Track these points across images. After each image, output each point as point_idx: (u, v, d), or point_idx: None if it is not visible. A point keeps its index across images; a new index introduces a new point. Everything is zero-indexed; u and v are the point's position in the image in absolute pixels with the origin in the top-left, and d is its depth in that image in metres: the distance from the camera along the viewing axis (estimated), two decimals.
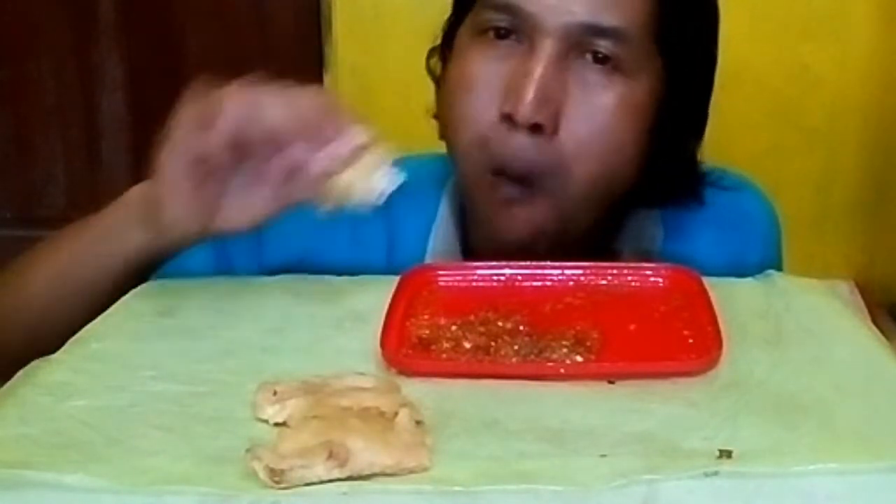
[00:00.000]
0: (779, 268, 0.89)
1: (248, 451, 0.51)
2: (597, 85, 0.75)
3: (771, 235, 0.91)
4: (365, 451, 0.51)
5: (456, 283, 0.76)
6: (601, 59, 0.74)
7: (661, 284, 0.75)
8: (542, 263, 0.78)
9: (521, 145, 0.74)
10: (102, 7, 2.37)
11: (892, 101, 2.16)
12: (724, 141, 2.50)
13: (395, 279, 0.74)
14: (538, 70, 0.73)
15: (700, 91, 0.81)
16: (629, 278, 0.76)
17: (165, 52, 2.40)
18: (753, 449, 0.53)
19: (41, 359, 0.66)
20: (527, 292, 0.75)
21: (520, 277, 0.77)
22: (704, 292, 0.71)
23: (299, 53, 2.35)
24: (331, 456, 0.50)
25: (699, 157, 0.83)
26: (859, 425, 0.56)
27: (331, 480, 0.50)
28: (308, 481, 0.50)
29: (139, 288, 0.79)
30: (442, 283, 0.76)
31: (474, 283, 0.76)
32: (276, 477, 0.50)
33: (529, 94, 0.72)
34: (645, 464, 0.52)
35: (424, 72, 0.89)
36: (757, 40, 2.14)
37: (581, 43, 0.74)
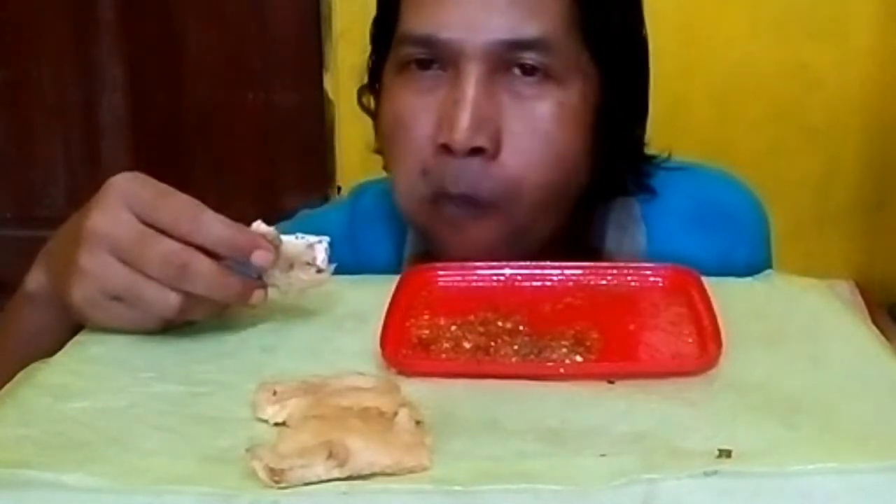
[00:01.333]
0: (768, 265, 0.88)
1: (248, 451, 0.51)
2: (530, 97, 0.74)
3: (759, 232, 0.90)
4: (365, 451, 0.51)
5: (456, 283, 0.76)
6: (529, 71, 0.73)
7: (661, 284, 0.76)
8: (542, 263, 0.78)
9: (462, 169, 0.73)
10: (102, 7, 2.37)
11: (892, 101, 2.16)
12: (724, 141, 2.52)
13: (395, 279, 0.74)
14: (468, 95, 0.72)
15: (635, 79, 0.80)
16: (629, 278, 0.76)
17: (165, 52, 2.40)
18: (753, 449, 0.53)
19: (41, 360, 0.66)
20: (527, 292, 0.75)
21: (520, 277, 0.77)
22: (704, 292, 0.71)
23: (299, 53, 2.35)
24: (331, 456, 0.50)
25: (646, 142, 0.83)
26: (859, 425, 0.56)
27: (331, 480, 0.50)
28: (308, 481, 0.50)
29: None
30: (442, 283, 0.76)
31: (474, 283, 0.76)
32: (276, 477, 0.50)
33: (463, 121, 0.71)
34: (644, 463, 0.52)
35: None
36: (757, 40, 2.14)
37: (506, 59, 0.73)
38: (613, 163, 0.79)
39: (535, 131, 0.73)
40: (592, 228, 0.84)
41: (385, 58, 0.79)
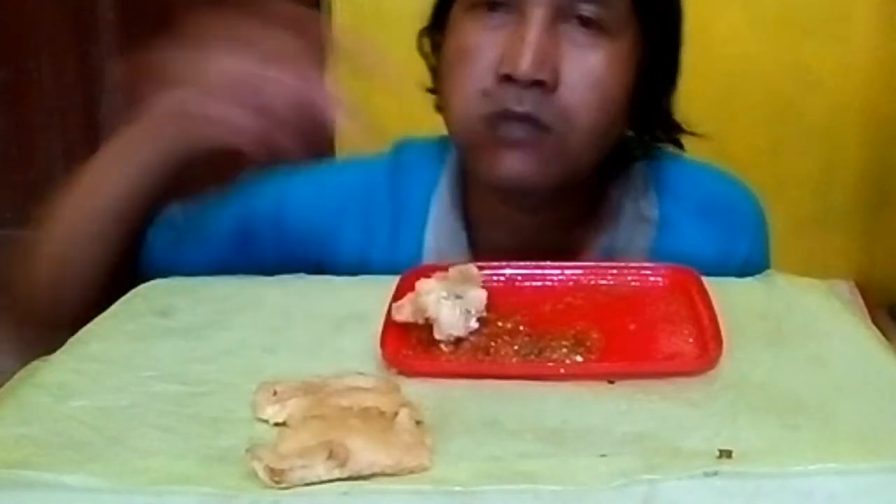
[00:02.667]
0: (766, 262, 0.93)
1: (248, 451, 0.51)
2: (585, 45, 0.81)
3: (759, 230, 0.95)
4: (365, 451, 0.51)
5: None
6: (586, 22, 0.80)
7: (661, 284, 0.76)
8: (542, 263, 0.78)
9: (523, 96, 0.80)
10: (102, 7, 2.37)
11: (892, 101, 2.16)
12: (724, 141, 2.51)
13: (395, 279, 0.74)
14: (532, 34, 0.79)
15: (672, 48, 0.88)
16: (629, 278, 0.76)
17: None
18: (753, 449, 0.53)
19: (41, 359, 0.66)
20: (527, 292, 0.75)
21: (520, 277, 0.77)
22: (704, 292, 0.71)
23: None
24: (331, 456, 0.50)
25: (673, 107, 0.90)
26: (859, 425, 0.56)
27: (331, 480, 0.50)
28: (308, 481, 0.50)
29: (139, 288, 0.79)
30: None
31: None
32: (276, 477, 0.50)
33: (528, 55, 0.78)
34: (645, 464, 0.52)
35: (425, 71, 0.92)
36: (757, 40, 2.14)
37: (567, 9, 0.80)
38: (645, 119, 0.88)
39: (588, 74, 0.81)
40: (616, 188, 0.90)
41: (450, 4, 0.86)
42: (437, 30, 0.88)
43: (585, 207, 0.88)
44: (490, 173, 0.83)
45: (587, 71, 0.80)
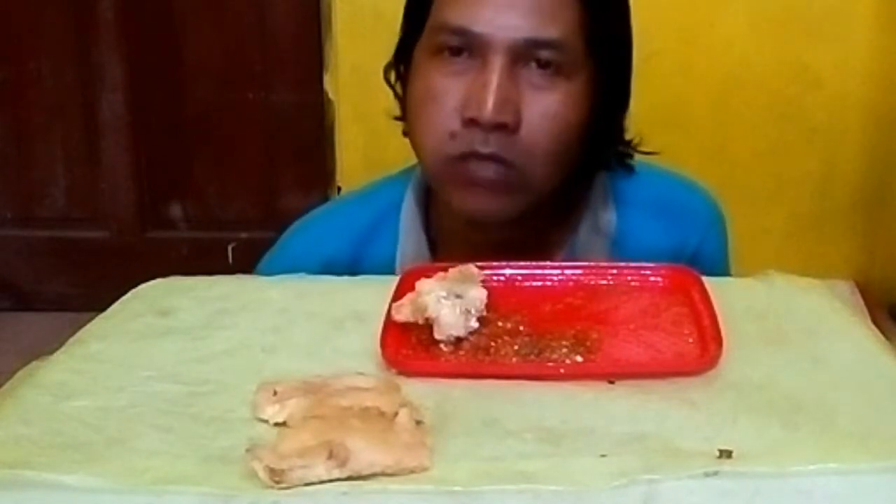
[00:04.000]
0: (721, 257, 0.99)
1: (248, 451, 0.51)
2: (544, 87, 0.85)
3: (712, 227, 1.00)
4: (365, 451, 0.51)
5: None
6: (544, 65, 0.85)
7: (661, 284, 0.76)
8: (542, 263, 0.78)
9: (487, 137, 0.84)
10: (102, 7, 2.37)
11: (892, 101, 2.16)
12: (724, 141, 2.52)
13: (395, 279, 0.74)
14: (494, 79, 0.83)
15: (623, 74, 0.93)
16: (629, 278, 0.76)
17: (165, 52, 2.40)
18: (753, 449, 0.53)
19: (41, 359, 0.66)
20: (527, 292, 0.75)
21: (520, 277, 0.77)
22: (704, 292, 0.71)
23: (299, 53, 2.35)
24: (331, 456, 0.50)
25: (626, 126, 0.95)
26: (859, 425, 0.56)
27: (331, 480, 0.50)
28: (308, 481, 0.50)
29: (139, 288, 0.79)
30: None
31: None
32: (276, 477, 0.50)
33: (491, 99, 0.83)
34: (645, 464, 0.52)
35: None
36: (757, 40, 2.14)
37: (526, 54, 0.84)
38: (601, 141, 0.92)
39: (547, 114, 0.85)
40: (577, 202, 0.96)
41: (415, 40, 0.90)
42: (402, 64, 0.93)
43: (545, 223, 0.92)
44: (460, 208, 0.88)
45: (546, 111, 0.85)
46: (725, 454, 0.52)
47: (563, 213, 0.93)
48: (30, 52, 2.41)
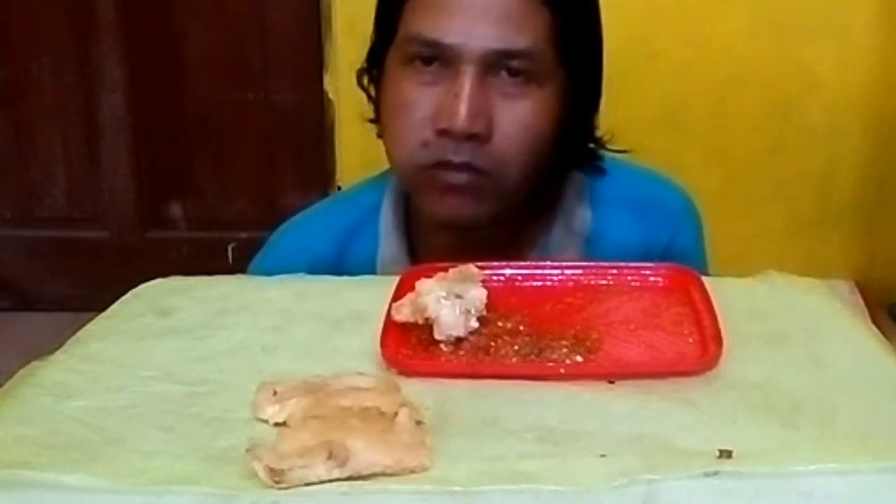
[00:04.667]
0: (696, 251, 1.00)
1: (248, 451, 0.51)
2: (515, 96, 0.86)
3: (683, 221, 1.01)
4: (365, 451, 0.51)
5: None
6: (515, 74, 0.85)
7: (661, 284, 0.76)
8: (542, 263, 0.78)
9: (460, 147, 0.85)
10: (102, 7, 2.37)
11: (893, 101, 2.16)
12: (724, 141, 2.51)
13: (395, 279, 0.74)
14: (466, 90, 0.84)
15: (594, 79, 0.93)
16: (629, 278, 0.76)
17: (165, 52, 2.40)
18: (753, 449, 0.53)
19: (41, 359, 0.66)
20: (527, 292, 0.75)
21: (520, 277, 0.77)
22: (704, 292, 0.71)
23: (299, 53, 2.35)
24: (331, 456, 0.50)
25: (596, 126, 0.96)
26: (859, 425, 0.56)
27: (331, 480, 0.50)
28: (308, 481, 0.50)
29: (139, 288, 0.79)
30: None
31: None
32: (276, 477, 0.50)
33: (462, 110, 0.83)
34: (645, 464, 0.52)
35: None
36: (757, 40, 2.14)
37: (497, 64, 0.85)
38: (573, 143, 0.93)
39: (519, 122, 0.86)
40: (550, 201, 0.96)
41: (386, 47, 0.91)
42: (374, 69, 0.93)
43: (518, 222, 0.93)
44: (433, 213, 0.89)
45: (518, 119, 0.86)
46: (725, 454, 0.52)
47: (536, 211, 0.94)
48: (30, 52, 2.41)
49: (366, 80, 0.95)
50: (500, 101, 0.85)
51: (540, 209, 0.94)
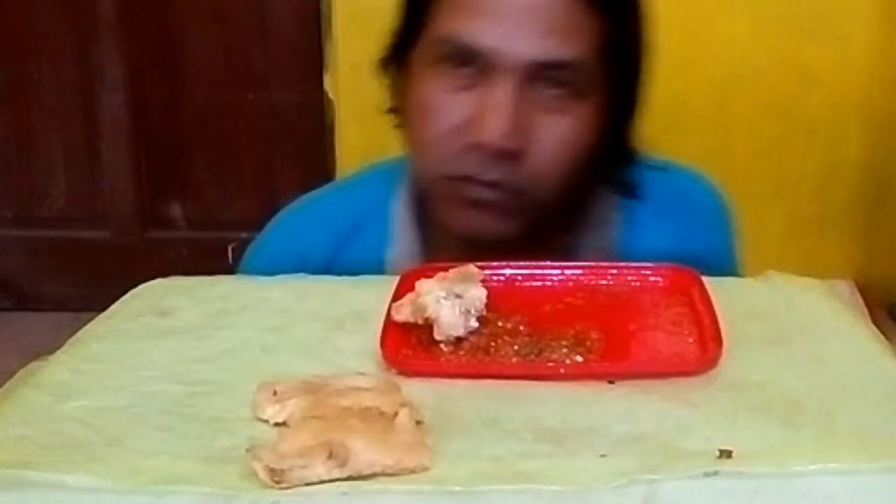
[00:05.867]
0: (729, 254, 0.95)
1: (248, 451, 0.51)
2: (556, 110, 0.79)
3: (717, 221, 0.95)
4: (365, 451, 0.51)
5: None
6: (557, 86, 0.79)
7: (661, 284, 0.75)
8: (542, 263, 0.78)
9: (491, 163, 0.78)
10: (102, 7, 2.37)
11: (892, 101, 2.16)
12: (724, 141, 2.52)
13: (395, 279, 0.74)
14: (503, 102, 0.76)
15: (638, 93, 0.87)
16: (629, 278, 0.76)
17: (165, 52, 2.40)
18: (753, 449, 0.53)
19: (41, 359, 0.66)
20: (527, 292, 0.75)
21: (520, 277, 0.77)
22: (704, 292, 0.71)
23: (299, 53, 2.35)
24: (331, 456, 0.50)
25: (635, 138, 0.89)
26: (859, 425, 0.56)
27: (331, 480, 0.50)
28: (308, 481, 0.50)
29: (139, 288, 0.79)
30: None
31: None
32: (276, 477, 0.50)
33: (498, 124, 0.76)
34: (645, 464, 0.52)
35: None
36: (757, 40, 2.14)
37: (538, 75, 0.78)
38: (610, 160, 0.86)
39: (557, 139, 0.79)
40: (580, 212, 0.90)
41: (411, 44, 0.82)
42: (396, 63, 0.86)
43: (544, 236, 0.86)
44: (454, 226, 0.82)
45: (556, 136, 0.79)
46: (725, 454, 0.52)
47: (562, 223, 0.88)
48: (30, 52, 2.42)
49: (384, 70, 0.87)
50: (538, 115, 0.78)
51: (567, 220, 0.88)
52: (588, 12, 0.78)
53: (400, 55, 0.85)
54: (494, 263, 0.77)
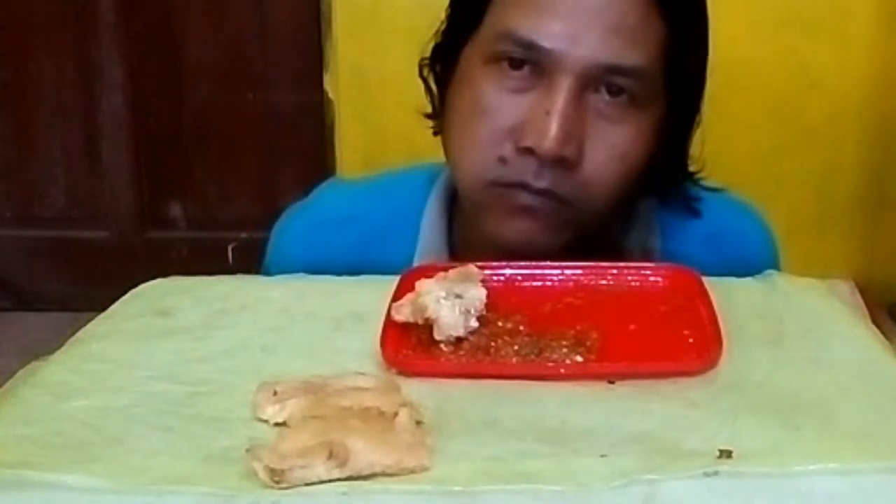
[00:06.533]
0: None
1: (248, 451, 0.51)
2: (613, 118, 0.77)
3: (762, 258, 0.90)
4: (365, 451, 0.51)
5: None
6: (616, 92, 0.76)
7: (661, 284, 0.75)
8: (542, 263, 0.78)
9: (542, 170, 0.76)
10: (102, 7, 2.37)
11: (892, 101, 2.16)
12: (724, 141, 2.50)
13: (395, 279, 0.74)
14: (560, 106, 0.74)
15: (697, 104, 0.85)
16: (629, 278, 0.76)
17: (165, 52, 2.40)
18: (753, 449, 0.53)
19: (41, 359, 0.66)
20: (527, 292, 0.75)
21: (520, 277, 0.77)
22: (704, 292, 0.71)
23: (299, 53, 2.35)
24: (331, 456, 0.50)
25: (692, 156, 0.88)
26: (859, 425, 0.56)
27: (331, 480, 0.50)
28: (308, 481, 0.50)
29: (139, 288, 0.79)
30: None
31: None
32: (276, 477, 0.50)
33: (553, 130, 0.74)
34: (645, 464, 0.52)
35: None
36: (757, 40, 2.14)
37: (599, 79, 0.75)
38: (664, 175, 0.84)
39: (613, 150, 0.77)
40: (617, 227, 0.87)
41: (464, 40, 0.80)
42: (442, 65, 0.83)
43: (580, 250, 0.81)
44: (496, 234, 0.79)
45: (612, 146, 0.77)
46: (725, 454, 0.52)
47: (602, 236, 0.85)
48: (30, 52, 2.42)
49: (426, 72, 0.84)
50: (595, 123, 0.76)
51: (606, 234, 0.85)
52: (654, 19, 0.76)
53: (449, 54, 0.82)
54: (494, 263, 0.77)
